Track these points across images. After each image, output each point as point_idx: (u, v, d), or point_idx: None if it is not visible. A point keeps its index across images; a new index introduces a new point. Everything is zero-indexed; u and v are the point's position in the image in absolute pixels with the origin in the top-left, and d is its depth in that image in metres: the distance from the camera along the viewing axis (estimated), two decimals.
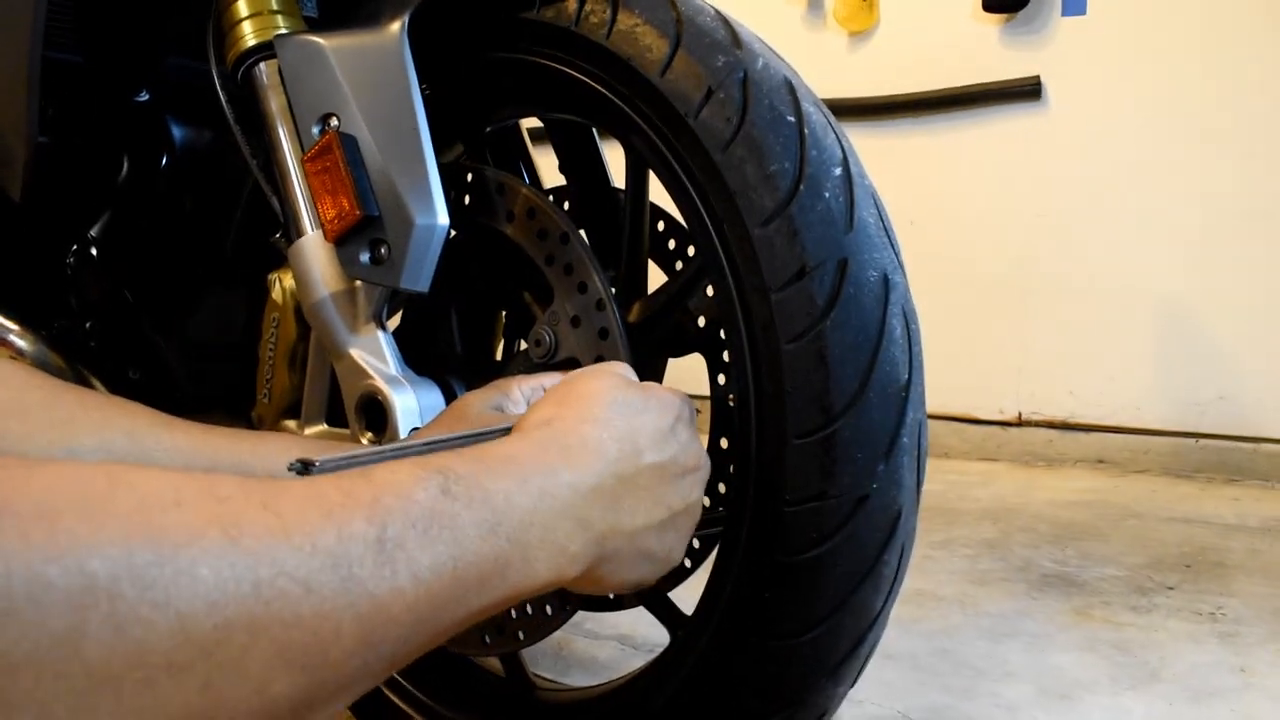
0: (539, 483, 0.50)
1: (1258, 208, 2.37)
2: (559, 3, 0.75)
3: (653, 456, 0.57)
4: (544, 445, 0.52)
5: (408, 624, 0.40)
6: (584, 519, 0.52)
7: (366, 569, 0.39)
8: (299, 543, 0.37)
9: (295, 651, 0.35)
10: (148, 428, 0.64)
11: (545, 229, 0.75)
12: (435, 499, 0.43)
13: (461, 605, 0.43)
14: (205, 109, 1.07)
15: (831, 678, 0.68)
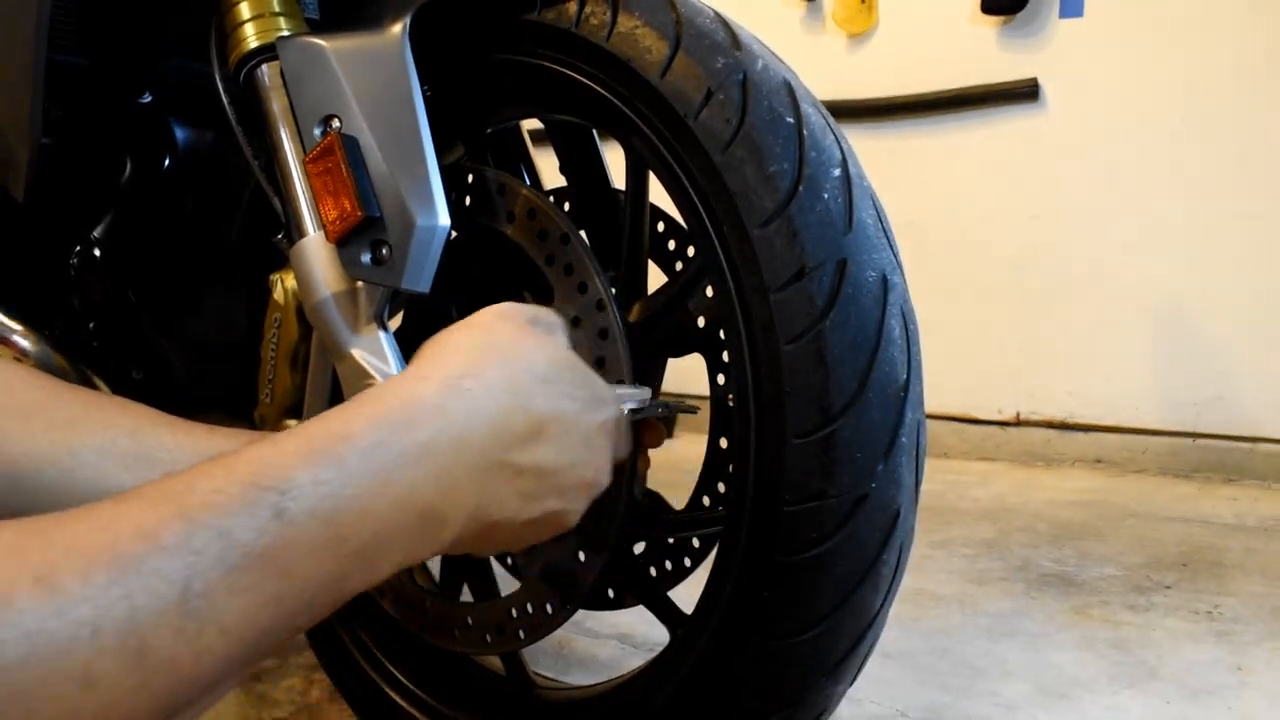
0: (405, 481, 0.45)
1: (1255, 208, 2.38)
2: (560, 5, 0.75)
3: (553, 453, 0.54)
4: (434, 412, 0.48)
5: (219, 676, 0.37)
6: (445, 514, 0.48)
7: (165, 638, 0.35)
8: (77, 616, 0.32)
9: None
10: (150, 428, 0.64)
11: (546, 230, 0.75)
12: (264, 529, 0.39)
13: (284, 632, 0.40)
14: (207, 110, 1.07)
15: (831, 676, 0.69)
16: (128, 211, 1.05)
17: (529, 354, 0.55)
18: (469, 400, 0.50)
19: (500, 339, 0.55)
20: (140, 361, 1.07)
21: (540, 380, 0.54)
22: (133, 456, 0.62)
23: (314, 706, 1.07)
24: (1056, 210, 2.60)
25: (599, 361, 0.72)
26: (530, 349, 0.55)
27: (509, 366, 0.53)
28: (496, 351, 0.54)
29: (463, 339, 0.55)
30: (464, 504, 0.49)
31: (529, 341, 0.56)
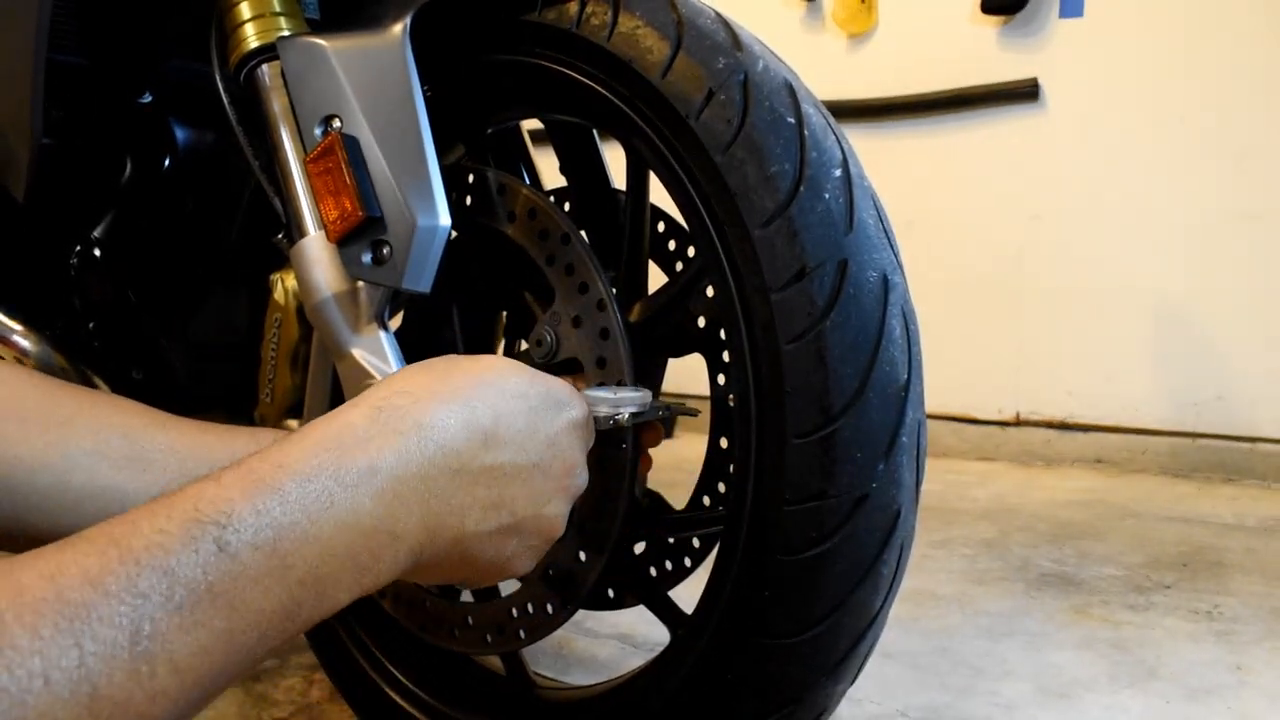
0: (346, 502, 0.45)
1: (1254, 208, 2.38)
2: (560, 5, 0.75)
3: (510, 455, 0.53)
4: (368, 434, 0.48)
5: (176, 714, 0.37)
6: (395, 531, 0.48)
7: (117, 683, 0.35)
8: (28, 668, 0.33)
9: None
10: (144, 427, 0.64)
11: (546, 230, 0.75)
12: (208, 564, 0.39)
13: (237, 667, 0.40)
14: (208, 110, 1.07)
15: (831, 676, 0.69)
16: (128, 211, 1.05)
17: (469, 369, 0.55)
18: (404, 417, 0.50)
19: (439, 366, 0.55)
20: (140, 361, 1.07)
21: (482, 385, 0.54)
22: (126, 457, 0.62)
23: (314, 706, 1.07)
24: (1056, 210, 2.60)
25: (599, 362, 0.72)
26: (471, 365, 0.55)
27: (446, 380, 0.53)
28: (435, 371, 0.54)
29: (400, 371, 0.56)
30: (412, 517, 0.49)
31: (470, 361, 0.56)
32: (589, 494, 0.72)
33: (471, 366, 0.55)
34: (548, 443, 0.56)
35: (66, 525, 0.60)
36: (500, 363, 0.57)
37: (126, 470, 0.62)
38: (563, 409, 0.58)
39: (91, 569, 0.36)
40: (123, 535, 0.38)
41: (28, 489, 0.59)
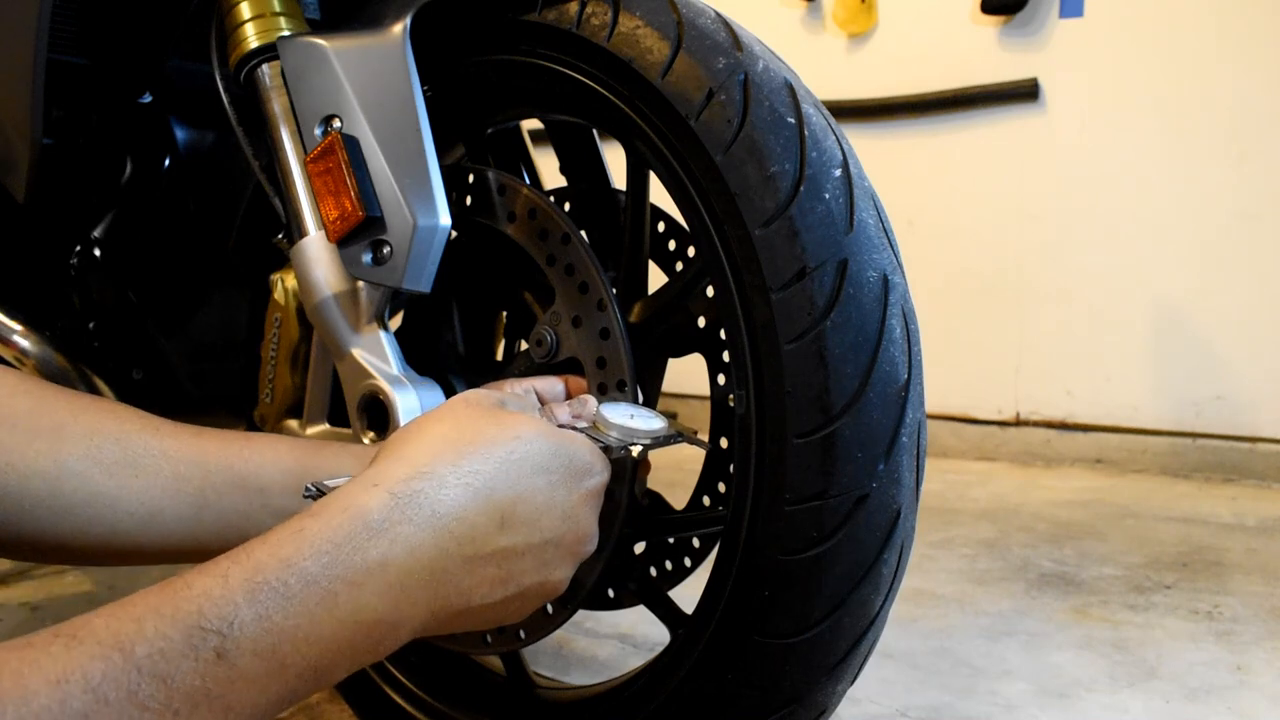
0: (351, 601, 0.45)
1: (1254, 208, 2.38)
2: (560, 5, 0.75)
3: (525, 535, 0.53)
4: (382, 524, 0.47)
5: None
6: (398, 621, 0.48)
7: None
8: None
9: None
10: (138, 433, 0.64)
11: (546, 230, 0.75)
12: (207, 672, 0.40)
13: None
14: (208, 110, 1.07)
15: (830, 676, 0.69)
16: (128, 211, 1.05)
17: (493, 438, 0.54)
18: (421, 505, 0.49)
19: (464, 427, 0.54)
20: (141, 361, 1.07)
21: (505, 463, 0.53)
22: (118, 462, 0.62)
23: (314, 706, 1.07)
24: (1056, 210, 2.60)
25: (599, 362, 0.72)
26: (495, 432, 0.54)
27: (469, 456, 0.52)
28: (457, 443, 0.53)
29: (424, 432, 0.54)
30: (417, 609, 0.49)
31: (494, 425, 0.55)
32: None
33: (497, 435, 0.54)
34: (564, 516, 0.56)
35: (59, 531, 0.60)
36: (525, 428, 0.55)
37: (119, 476, 0.62)
38: (584, 479, 0.57)
39: (94, 676, 0.37)
40: (127, 638, 0.39)
41: (19, 495, 0.59)
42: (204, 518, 0.64)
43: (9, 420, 0.60)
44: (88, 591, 1.52)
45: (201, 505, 0.63)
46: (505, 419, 0.56)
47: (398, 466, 0.51)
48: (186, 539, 0.64)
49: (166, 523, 0.63)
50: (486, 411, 0.56)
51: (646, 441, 0.65)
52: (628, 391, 0.72)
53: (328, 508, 0.48)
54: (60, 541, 0.61)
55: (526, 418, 0.57)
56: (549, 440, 0.56)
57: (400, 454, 0.52)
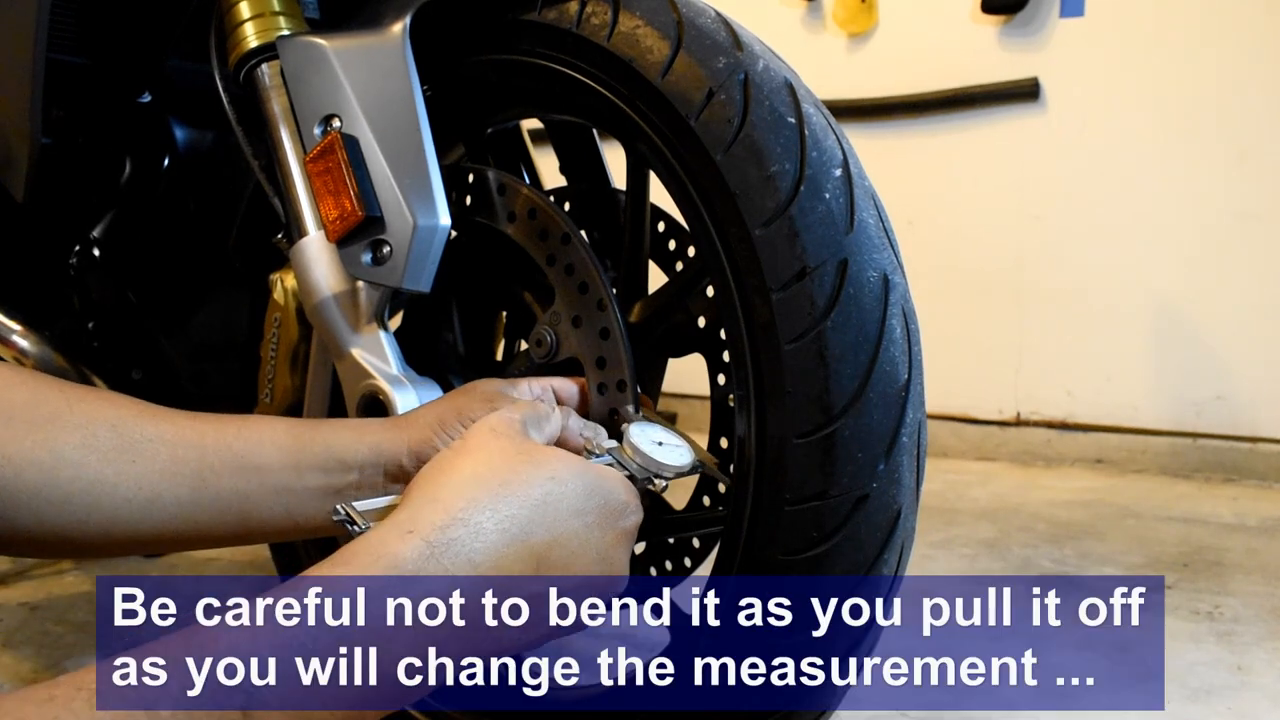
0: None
1: (1254, 208, 2.38)
2: (560, 4, 0.75)
3: (558, 578, 0.52)
4: (409, 580, 0.46)
5: None
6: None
7: None
8: None
9: None
10: (134, 419, 0.63)
11: (546, 230, 0.75)
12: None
13: None
14: (207, 110, 1.07)
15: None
16: (128, 211, 1.05)
17: (528, 478, 0.53)
18: (458, 554, 0.48)
19: (496, 464, 0.53)
20: (140, 361, 1.07)
21: (541, 507, 0.52)
22: (114, 449, 0.62)
23: None
24: (1057, 210, 2.60)
25: (599, 362, 0.72)
26: (530, 472, 0.53)
27: (505, 500, 0.51)
28: (490, 483, 0.52)
29: (456, 471, 0.53)
30: (445, 654, 0.49)
31: (528, 464, 0.54)
32: None
33: (532, 475, 0.53)
34: (598, 559, 0.55)
35: (58, 522, 0.60)
36: (560, 467, 0.54)
37: (116, 462, 0.62)
38: (619, 519, 0.56)
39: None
40: (150, 695, 0.38)
41: (15, 488, 0.59)
42: (202, 500, 0.63)
43: (3, 414, 0.60)
44: (87, 592, 1.52)
45: (199, 487, 0.63)
46: (538, 456, 0.55)
47: (432, 512, 0.50)
48: (186, 523, 0.63)
49: (165, 507, 0.62)
50: (518, 447, 0.55)
51: (670, 476, 0.64)
52: (628, 392, 0.71)
53: (358, 555, 0.47)
54: (59, 533, 0.60)
55: (559, 455, 0.56)
56: (584, 479, 0.55)
57: (433, 496, 0.51)
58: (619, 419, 0.72)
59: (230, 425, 0.66)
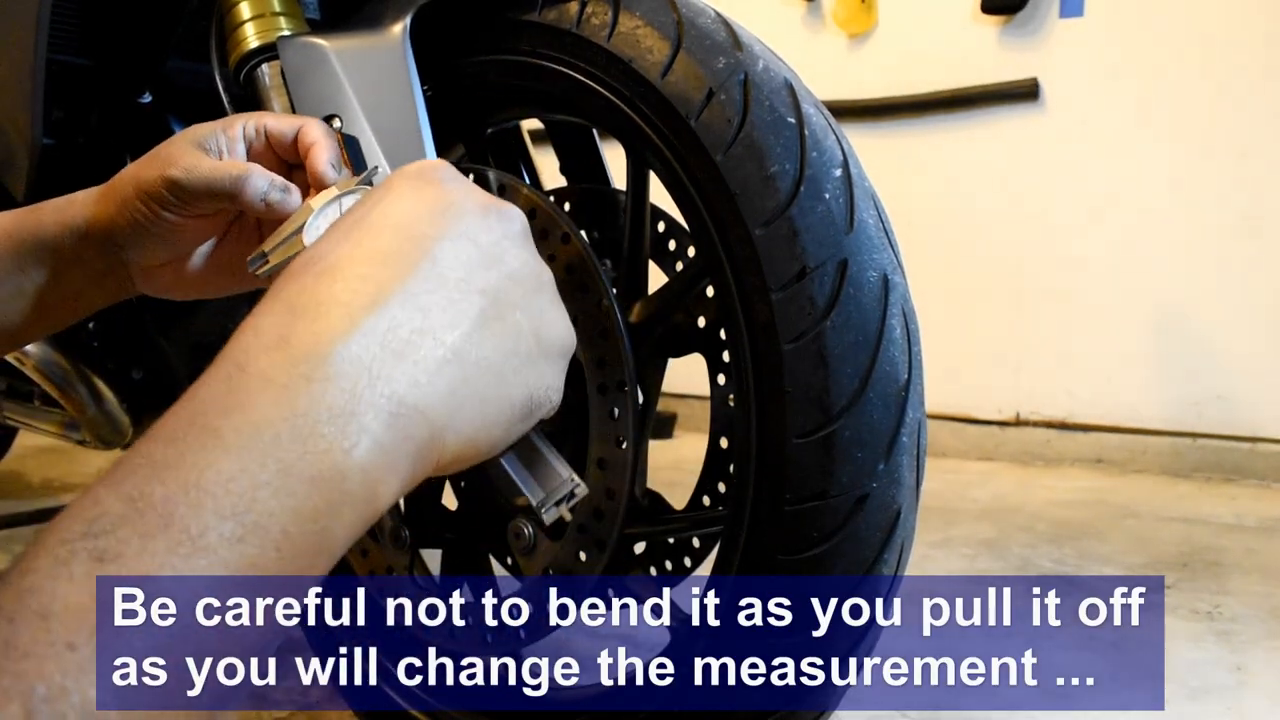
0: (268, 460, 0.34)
1: (1254, 208, 2.38)
2: (560, 4, 0.75)
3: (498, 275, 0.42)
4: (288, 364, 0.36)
5: None
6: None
7: None
8: None
9: None
10: (31, 244, 0.62)
11: (546, 229, 0.75)
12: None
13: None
14: (208, 110, 1.07)
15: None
16: None
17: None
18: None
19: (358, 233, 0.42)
20: (140, 361, 1.07)
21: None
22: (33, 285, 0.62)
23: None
24: (1057, 210, 2.60)
25: (599, 362, 0.72)
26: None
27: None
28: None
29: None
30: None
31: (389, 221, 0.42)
32: (589, 495, 0.72)
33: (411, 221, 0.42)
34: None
35: None
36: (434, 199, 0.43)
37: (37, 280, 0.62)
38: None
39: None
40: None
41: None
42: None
43: None
44: None
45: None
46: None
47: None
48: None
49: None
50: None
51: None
52: (628, 392, 0.71)
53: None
54: None
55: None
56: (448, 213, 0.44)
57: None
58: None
59: (73, 207, 0.63)
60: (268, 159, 0.63)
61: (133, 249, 0.62)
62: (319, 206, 0.52)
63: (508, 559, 1.03)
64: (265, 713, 1.07)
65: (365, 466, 0.35)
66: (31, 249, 0.63)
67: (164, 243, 0.62)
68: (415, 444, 0.37)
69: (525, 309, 0.43)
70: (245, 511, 0.32)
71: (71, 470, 2.49)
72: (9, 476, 2.41)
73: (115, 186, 0.62)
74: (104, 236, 0.62)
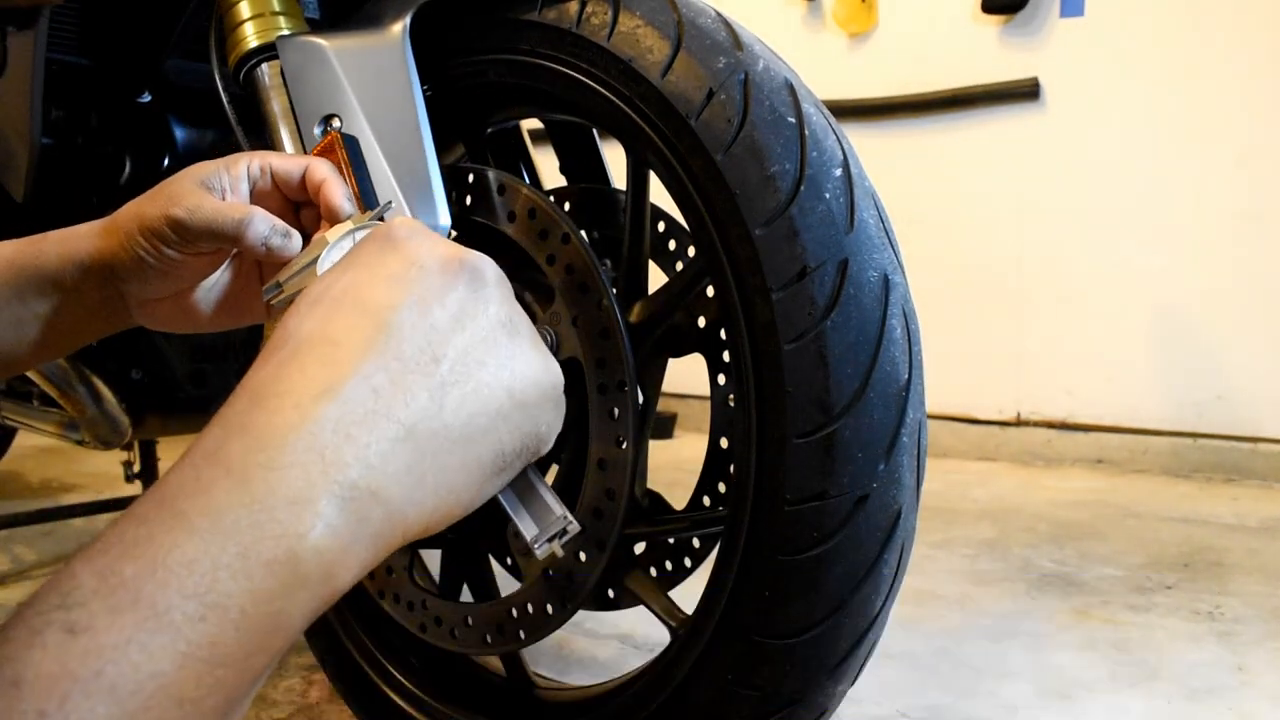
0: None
1: (1254, 207, 2.38)
2: (560, 4, 0.75)
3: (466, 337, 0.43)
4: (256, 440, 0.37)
5: None
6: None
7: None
8: None
9: None
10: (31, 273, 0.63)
11: (546, 229, 0.75)
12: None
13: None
14: (207, 110, 1.07)
15: (831, 676, 0.68)
16: None
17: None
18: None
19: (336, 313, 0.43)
20: (140, 361, 1.07)
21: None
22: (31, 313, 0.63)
23: (313, 707, 1.07)
24: (1057, 209, 2.60)
25: (599, 362, 0.72)
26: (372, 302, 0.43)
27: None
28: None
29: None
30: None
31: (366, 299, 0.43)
32: (588, 492, 0.72)
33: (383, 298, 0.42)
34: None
35: None
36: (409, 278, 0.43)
37: (38, 308, 0.63)
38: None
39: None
40: None
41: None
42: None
43: None
44: None
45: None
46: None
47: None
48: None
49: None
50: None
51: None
52: (628, 392, 0.71)
53: None
54: None
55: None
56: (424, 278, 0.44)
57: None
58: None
59: (74, 240, 0.64)
60: (272, 197, 0.64)
61: (132, 283, 0.63)
62: (333, 240, 0.53)
63: (507, 559, 1.03)
64: (265, 713, 1.07)
65: (321, 550, 0.37)
66: (32, 278, 0.63)
67: (164, 278, 0.63)
68: (372, 525, 0.39)
69: (494, 365, 0.44)
70: (206, 591, 0.34)
71: (71, 470, 2.49)
72: (9, 476, 2.41)
73: (118, 221, 0.63)
74: (105, 270, 0.63)
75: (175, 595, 0.33)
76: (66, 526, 1.90)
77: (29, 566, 1.66)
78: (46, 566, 1.66)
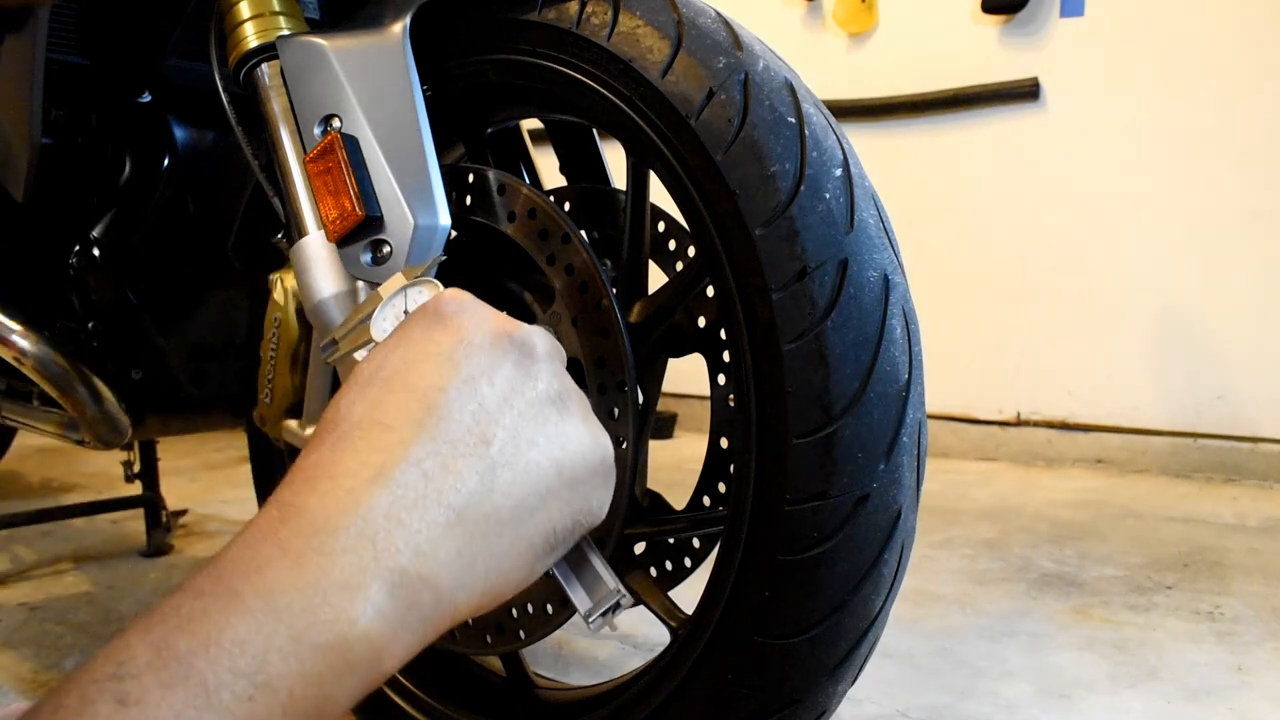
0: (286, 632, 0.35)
1: (1255, 208, 2.38)
2: (560, 4, 0.75)
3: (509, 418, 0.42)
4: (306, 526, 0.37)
5: None
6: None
7: None
8: None
9: None
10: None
11: (547, 229, 0.75)
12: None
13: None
14: (207, 110, 1.07)
15: (831, 676, 0.69)
16: (127, 211, 1.05)
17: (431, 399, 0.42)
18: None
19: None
20: (140, 361, 1.07)
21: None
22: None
23: None
24: (1057, 210, 2.60)
25: (599, 362, 0.72)
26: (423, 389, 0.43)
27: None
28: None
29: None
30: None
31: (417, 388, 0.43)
32: None
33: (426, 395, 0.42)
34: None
35: None
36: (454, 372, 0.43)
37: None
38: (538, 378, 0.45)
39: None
40: None
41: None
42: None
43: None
44: (87, 592, 1.52)
45: None
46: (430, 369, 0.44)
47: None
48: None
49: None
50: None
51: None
52: (628, 392, 0.71)
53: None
54: None
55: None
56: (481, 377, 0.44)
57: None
58: None
59: None
60: None
61: None
62: (387, 296, 0.54)
63: None
64: None
65: (370, 635, 0.37)
66: None
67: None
68: (421, 610, 0.39)
69: (544, 442, 0.44)
70: (256, 671, 0.34)
71: (71, 470, 2.49)
72: (9, 476, 2.41)
73: None
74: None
75: (226, 674, 0.34)
76: (66, 526, 1.90)
77: (29, 566, 1.66)
78: (46, 566, 1.66)
